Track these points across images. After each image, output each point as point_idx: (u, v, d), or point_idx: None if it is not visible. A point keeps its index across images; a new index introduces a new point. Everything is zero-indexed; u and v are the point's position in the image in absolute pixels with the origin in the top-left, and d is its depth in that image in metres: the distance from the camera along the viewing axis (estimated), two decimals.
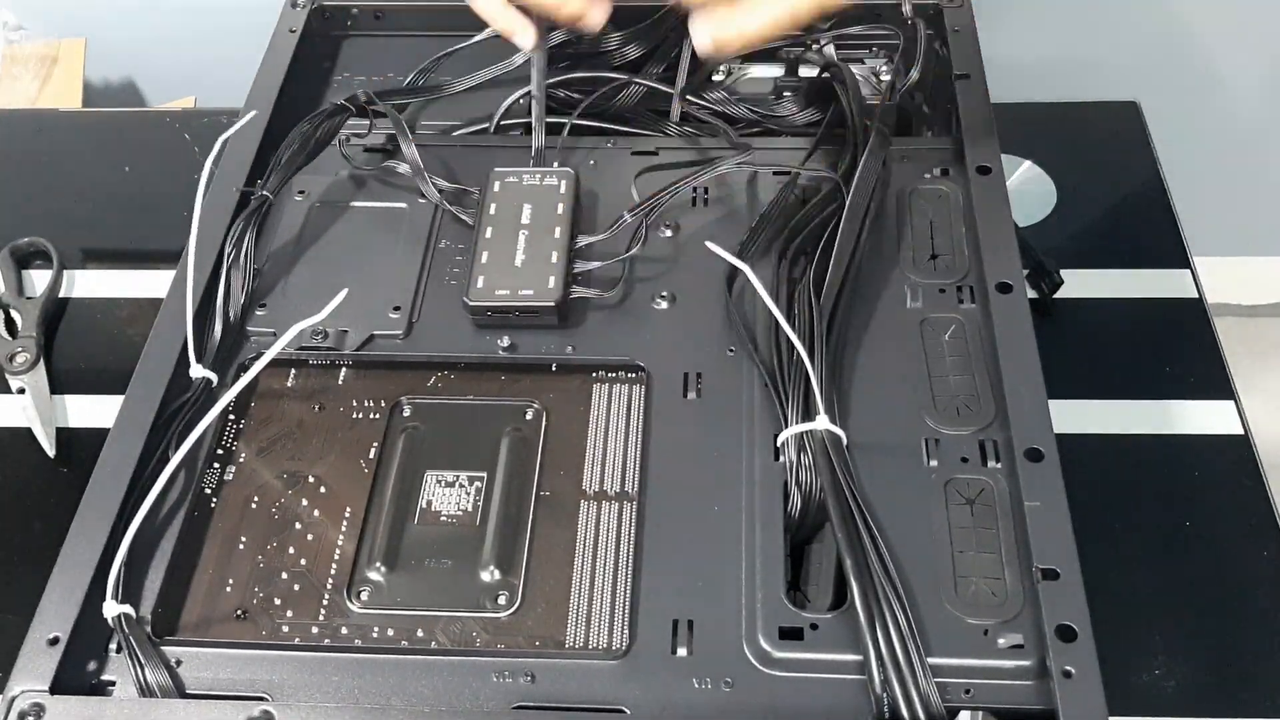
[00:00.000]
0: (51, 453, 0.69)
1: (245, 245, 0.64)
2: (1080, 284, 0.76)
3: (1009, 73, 0.77)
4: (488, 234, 0.65)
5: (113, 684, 0.51)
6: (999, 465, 0.56)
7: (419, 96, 0.74)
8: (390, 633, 0.53)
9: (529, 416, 0.60)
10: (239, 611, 0.54)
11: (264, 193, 0.66)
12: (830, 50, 0.73)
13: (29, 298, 0.76)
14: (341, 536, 0.56)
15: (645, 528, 0.55)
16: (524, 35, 0.64)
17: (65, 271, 0.79)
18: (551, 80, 0.72)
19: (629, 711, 0.50)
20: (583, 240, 0.65)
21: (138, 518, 0.52)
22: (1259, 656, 0.60)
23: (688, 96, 0.71)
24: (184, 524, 0.56)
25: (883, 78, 0.72)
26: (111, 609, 0.52)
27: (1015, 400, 0.57)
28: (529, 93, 0.72)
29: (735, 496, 0.56)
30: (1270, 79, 1.37)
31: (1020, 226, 0.65)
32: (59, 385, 0.73)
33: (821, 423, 0.55)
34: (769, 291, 0.60)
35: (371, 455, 0.59)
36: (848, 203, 0.62)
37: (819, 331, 0.59)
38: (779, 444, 0.57)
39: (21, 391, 0.71)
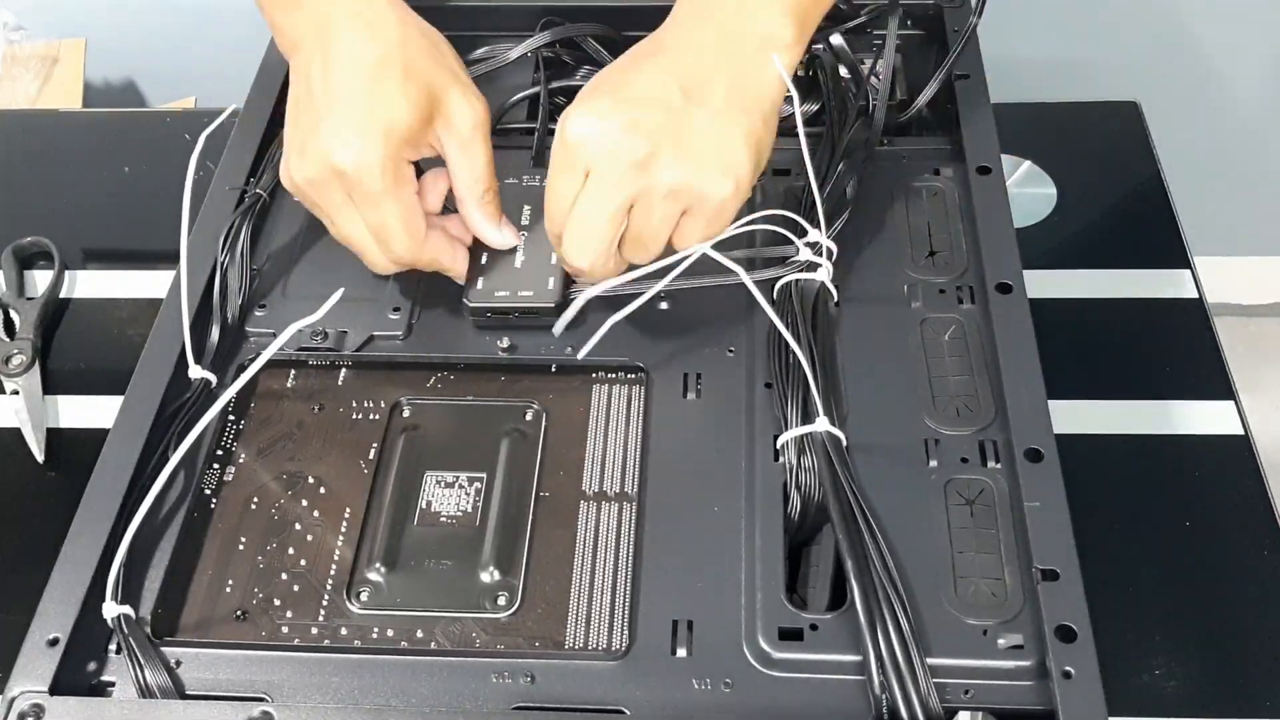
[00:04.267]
0: (40, 458, 0.69)
1: (241, 244, 0.64)
2: (1080, 284, 0.76)
3: (1009, 73, 0.77)
4: None
5: (112, 685, 0.51)
6: (999, 465, 0.56)
7: None
8: (390, 633, 0.53)
9: (529, 417, 0.60)
10: (239, 612, 0.54)
11: (257, 190, 0.66)
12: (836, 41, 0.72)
13: (29, 299, 0.76)
14: (341, 537, 0.56)
15: (645, 528, 0.55)
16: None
17: (66, 271, 0.79)
18: (553, 85, 0.72)
19: (629, 712, 0.50)
20: None
21: (137, 518, 0.52)
22: (1259, 656, 0.60)
23: None
24: (184, 525, 0.56)
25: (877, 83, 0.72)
26: (111, 610, 0.52)
27: (1015, 400, 0.57)
28: (528, 95, 0.72)
29: (735, 497, 0.56)
30: (1270, 79, 1.37)
31: (1020, 227, 0.65)
32: (58, 386, 0.73)
33: (821, 425, 0.55)
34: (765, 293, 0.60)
35: (371, 456, 0.59)
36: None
37: (816, 334, 0.59)
38: (779, 446, 0.57)
39: (16, 394, 0.71)
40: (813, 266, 0.61)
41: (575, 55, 0.75)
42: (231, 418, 0.61)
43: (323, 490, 0.58)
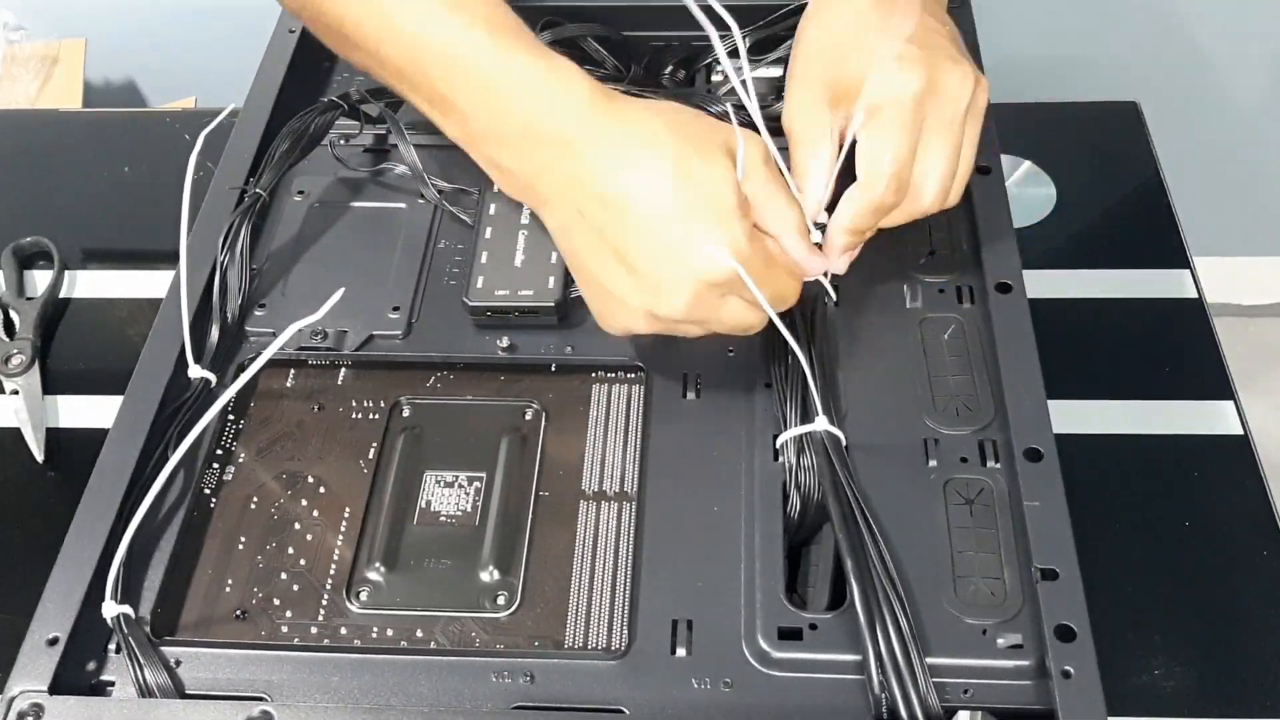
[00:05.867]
0: (40, 458, 0.69)
1: (240, 244, 0.64)
2: (1080, 284, 0.76)
3: (1009, 73, 0.77)
4: (487, 234, 0.65)
5: (112, 684, 0.51)
6: (998, 465, 0.56)
7: None
8: (389, 633, 0.53)
9: (528, 416, 0.60)
10: (238, 612, 0.54)
11: (257, 190, 0.66)
12: None
13: (29, 299, 0.76)
14: (341, 537, 0.56)
15: (644, 528, 0.55)
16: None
17: (66, 271, 0.79)
18: None
19: (628, 712, 0.50)
20: None
21: (137, 518, 0.52)
22: (1259, 656, 0.60)
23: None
24: (183, 524, 0.56)
25: None
26: (111, 609, 0.52)
27: (1015, 400, 0.57)
28: None
29: (735, 497, 0.56)
30: (1270, 79, 1.37)
31: (1020, 227, 0.65)
32: (58, 386, 0.73)
33: (820, 424, 0.55)
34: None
35: (371, 455, 0.59)
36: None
37: (815, 333, 0.59)
38: (778, 446, 0.57)
39: (15, 394, 0.71)
40: None
41: (575, 56, 0.75)
42: (231, 417, 0.61)
43: (322, 490, 0.58)
